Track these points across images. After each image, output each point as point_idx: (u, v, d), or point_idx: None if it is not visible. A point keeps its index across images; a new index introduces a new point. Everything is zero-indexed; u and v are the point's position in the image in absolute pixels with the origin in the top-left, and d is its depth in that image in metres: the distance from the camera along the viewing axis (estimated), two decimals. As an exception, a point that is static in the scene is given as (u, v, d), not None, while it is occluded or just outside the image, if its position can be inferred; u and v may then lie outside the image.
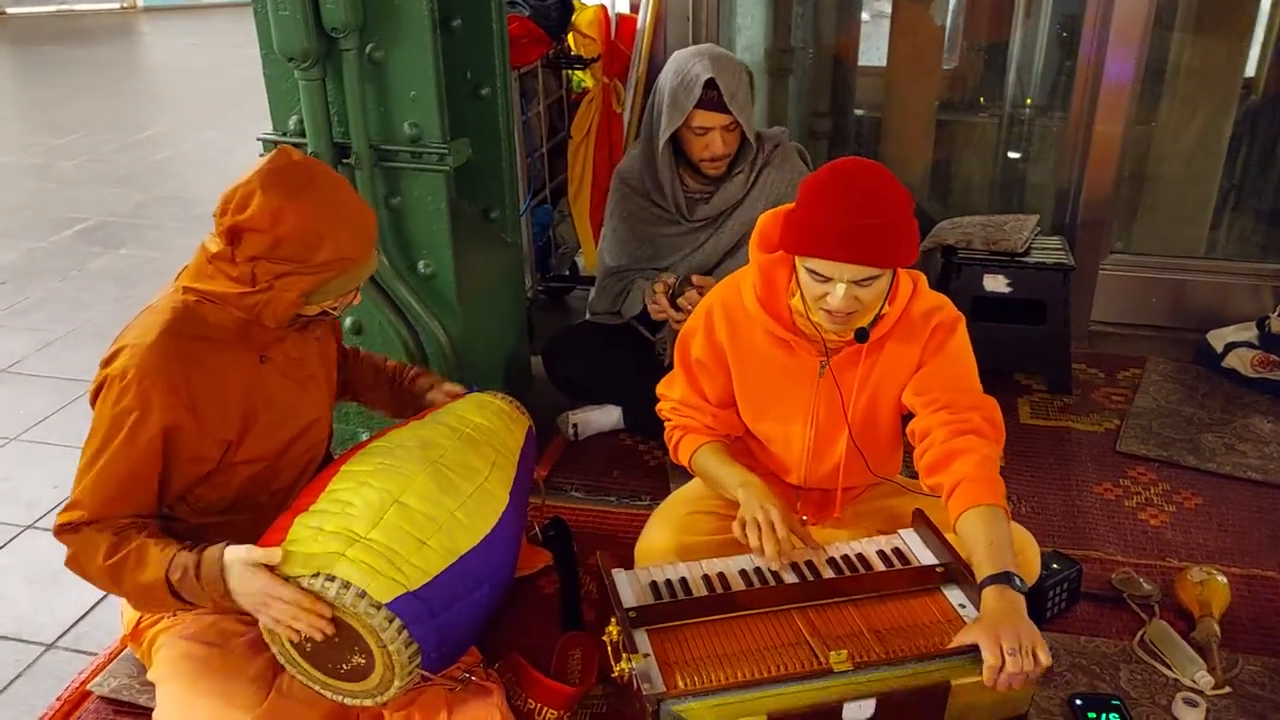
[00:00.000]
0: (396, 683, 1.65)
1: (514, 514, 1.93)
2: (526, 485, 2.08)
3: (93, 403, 1.74)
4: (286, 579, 1.62)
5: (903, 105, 3.93)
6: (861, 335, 1.90)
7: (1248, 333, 3.22)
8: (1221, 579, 2.23)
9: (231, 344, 1.77)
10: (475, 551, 1.78)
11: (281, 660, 1.71)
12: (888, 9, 3.98)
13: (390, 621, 1.61)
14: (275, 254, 1.68)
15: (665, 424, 2.19)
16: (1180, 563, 2.39)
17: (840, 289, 1.78)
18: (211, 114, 7.14)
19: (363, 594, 1.60)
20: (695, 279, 2.71)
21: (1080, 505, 2.63)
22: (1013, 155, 3.99)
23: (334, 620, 1.63)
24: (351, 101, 2.36)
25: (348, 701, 1.72)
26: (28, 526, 2.65)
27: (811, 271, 1.80)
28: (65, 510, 1.72)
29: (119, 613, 2.01)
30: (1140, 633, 2.18)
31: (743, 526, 1.92)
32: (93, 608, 2.36)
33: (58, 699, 2.08)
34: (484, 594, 1.82)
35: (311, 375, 1.95)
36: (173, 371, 1.69)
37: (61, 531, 1.72)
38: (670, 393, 2.16)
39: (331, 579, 1.61)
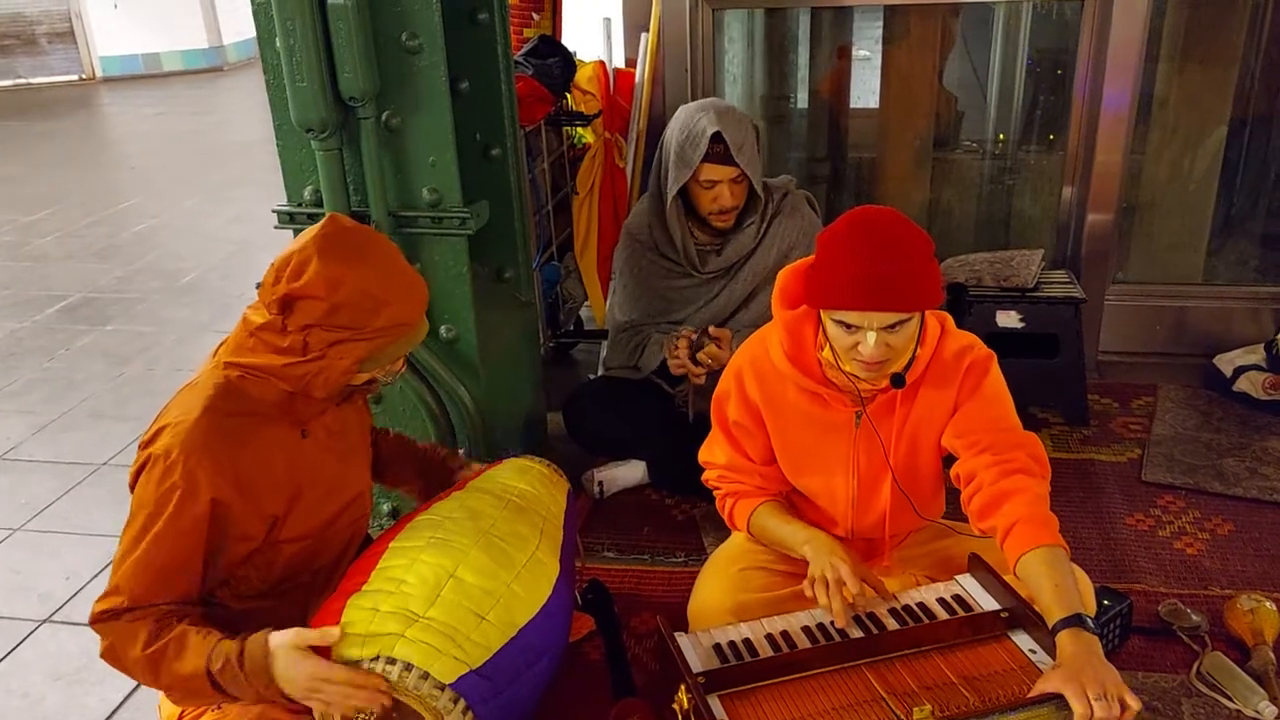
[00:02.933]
0: None
1: (565, 581, 1.89)
2: (572, 550, 2.05)
3: (132, 485, 1.68)
4: (344, 663, 1.57)
5: (897, 145, 3.96)
6: (898, 381, 1.89)
7: (1255, 355, 3.25)
8: (1270, 605, 2.22)
9: (274, 419, 1.72)
10: (533, 623, 1.74)
11: None
12: (872, 52, 4.03)
13: (455, 703, 1.57)
14: (331, 321, 1.64)
15: (715, 493, 2.16)
16: (1222, 590, 2.39)
17: (871, 337, 1.77)
18: (184, 182, 7.08)
19: (426, 675, 1.56)
20: (713, 330, 2.69)
21: (1116, 538, 2.62)
22: (1007, 190, 4.03)
23: (394, 704, 1.58)
24: (370, 170, 2.33)
25: None
26: (44, 620, 2.56)
27: (840, 323, 1.80)
28: (104, 597, 1.64)
29: (156, 707, 1.92)
30: (1196, 665, 2.16)
31: (813, 585, 1.90)
32: (124, 701, 2.28)
33: (98, 805, 1.99)
34: (544, 666, 1.78)
35: (352, 447, 1.91)
36: (218, 448, 1.63)
37: (99, 620, 1.63)
38: (714, 459, 2.14)
39: (392, 661, 1.56)
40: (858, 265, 1.73)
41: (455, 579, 1.69)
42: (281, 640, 1.58)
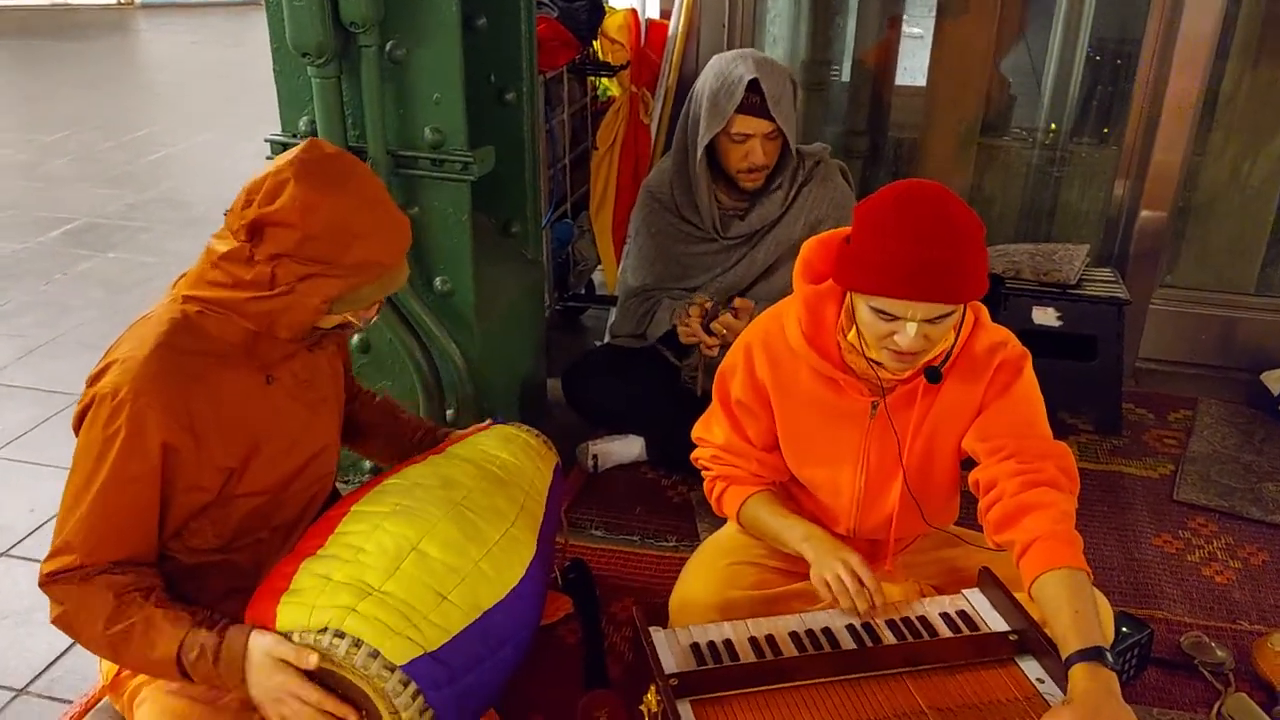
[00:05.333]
0: None
1: (541, 563, 1.76)
2: (553, 529, 1.92)
3: (76, 428, 1.54)
4: (288, 634, 1.45)
5: (942, 127, 3.78)
6: (934, 375, 1.73)
7: (1304, 375, 3.06)
8: (1304, 647, 2.06)
9: (235, 361, 1.58)
10: (500, 607, 1.61)
11: None
12: (922, 30, 3.84)
13: (405, 686, 1.44)
14: (303, 252, 1.50)
15: (704, 473, 2.00)
16: (1252, 626, 2.24)
17: (911, 328, 1.61)
18: (208, 115, 6.95)
19: (375, 654, 1.43)
20: (738, 302, 2.52)
21: (1140, 559, 2.46)
22: (1055, 181, 3.84)
23: (340, 681, 1.46)
24: (369, 102, 2.18)
25: None
26: (1, 554, 2.44)
27: (877, 311, 1.63)
28: (52, 556, 1.52)
29: (97, 660, 1.80)
30: (1218, 705, 2.02)
31: (825, 585, 1.76)
32: (68, 649, 2.16)
33: (27, 754, 1.88)
34: (508, 654, 1.65)
35: (322, 398, 1.76)
36: (170, 388, 1.50)
37: (50, 582, 1.52)
38: (710, 437, 1.98)
39: (341, 636, 1.44)
40: (906, 248, 1.55)
41: (418, 552, 1.57)
42: (262, 645, 1.46)
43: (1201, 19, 3.02)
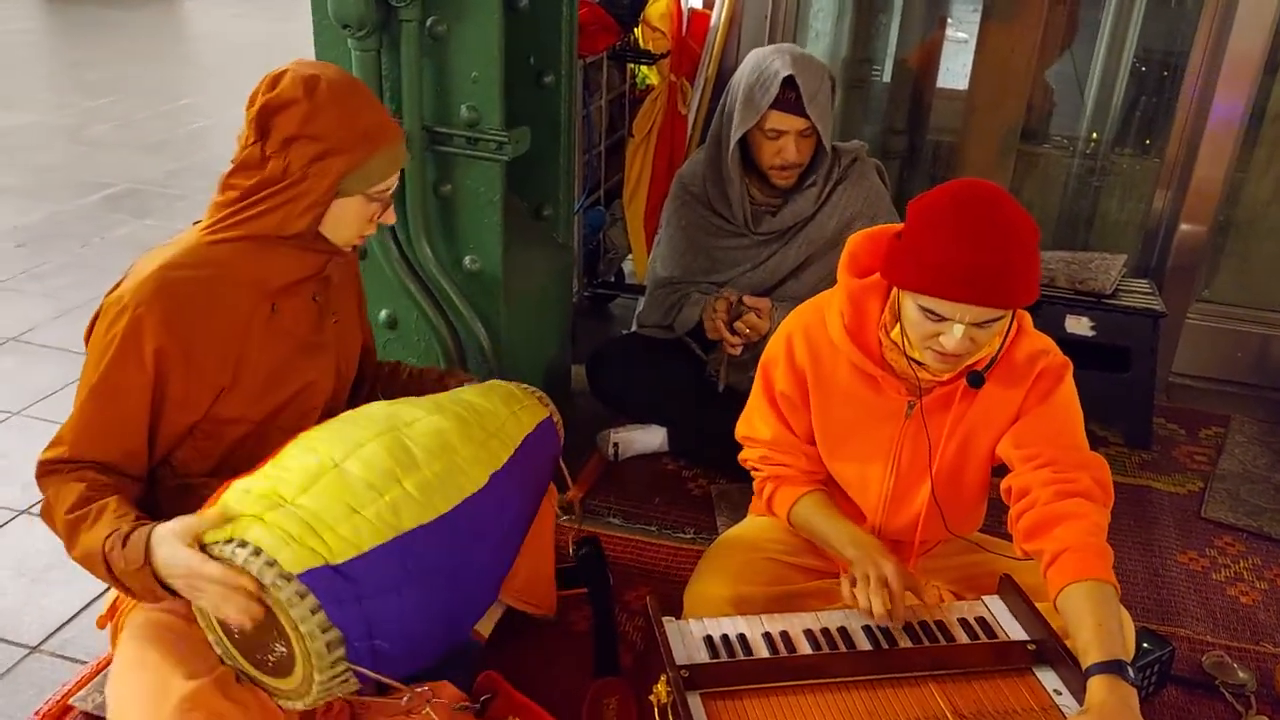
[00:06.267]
0: (317, 677, 1.42)
1: (493, 501, 1.68)
2: (527, 479, 1.84)
3: (87, 337, 1.61)
4: (204, 545, 1.42)
5: (982, 131, 3.74)
6: (976, 380, 1.72)
7: (1341, 398, 3.01)
8: (1329, 673, 2.02)
9: (241, 286, 1.63)
10: (426, 530, 1.54)
11: (217, 650, 1.52)
12: (966, 33, 3.80)
13: (302, 597, 1.38)
14: (311, 127, 1.58)
15: (754, 474, 1.98)
16: (1276, 648, 2.21)
17: (958, 330, 1.59)
18: (249, 87, 6.96)
19: (272, 563, 1.38)
20: (748, 300, 2.51)
21: (1165, 575, 2.42)
22: (1094, 191, 3.80)
23: (259, 601, 1.41)
24: (408, 77, 2.17)
25: (280, 702, 1.51)
26: (22, 511, 2.47)
27: (925, 310, 1.61)
28: (47, 448, 1.59)
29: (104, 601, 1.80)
30: (1237, 728, 1.97)
31: (852, 584, 1.74)
32: (83, 609, 2.17)
33: (36, 713, 1.89)
34: (440, 589, 1.56)
35: (321, 344, 1.78)
36: (168, 301, 1.56)
37: (42, 473, 1.58)
38: (756, 434, 1.96)
39: (244, 545, 1.40)
40: (961, 251, 1.53)
41: (339, 469, 1.53)
42: (167, 528, 1.44)
43: (1251, 35, 2.98)
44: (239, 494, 1.49)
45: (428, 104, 2.23)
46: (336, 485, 1.51)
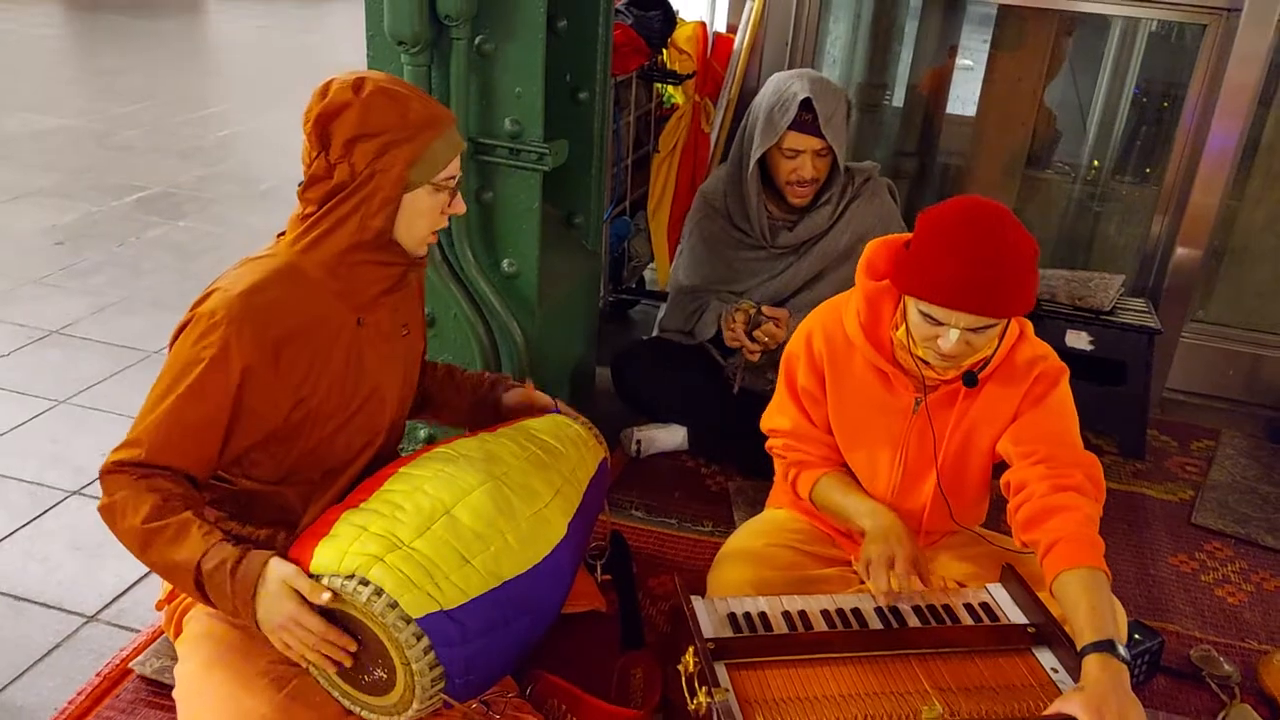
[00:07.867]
0: (415, 705, 1.57)
1: (570, 547, 1.82)
2: (591, 518, 1.99)
3: (172, 343, 1.65)
4: (317, 576, 1.55)
5: (988, 156, 3.87)
6: (970, 380, 1.86)
7: (1327, 416, 3.14)
8: (1308, 667, 2.14)
9: (329, 301, 1.70)
10: (521, 579, 1.68)
11: (303, 661, 1.62)
12: (973, 61, 3.93)
13: (418, 639, 1.52)
14: (368, 126, 1.63)
15: (778, 461, 2.13)
16: (1260, 645, 2.31)
17: (953, 334, 1.73)
18: (276, 96, 7.13)
19: (394, 605, 1.52)
20: (767, 310, 2.65)
21: (1156, 575, 2.54)
22: (1094, 215, 3.92)
23: (360, 627, 1.55)
24: (456, 91, 2.31)
25: (363, 714, 1.64)
26: (74, 492, 2.59)
27: (924, 314, 1.76)
28: (121, 448, 1.61)
29: (160, 583, 1.93)
30: (1222, 715, 2.09)
31: (867, 564, 1.88)
32: (136, 583, 2.29)
33: (98, 675, 2.01)
34: (523, 626, 1.71)
35: (394, 355, 1.87)
36: (260, 320, 1.61)
37: (111, 470, 1.60)
38: (778, 425, 2.10)
39: (365, 583, 1.52)
40: (958, 264, 1.67)
41: (450, 516, 1.65)
42: (280, 572, 1.54)
43: (1247, 69, 3.10)
44: (354, 530, 1.59)
45: (473, 116, 2.37)
46: (449, 533, 1.62)
